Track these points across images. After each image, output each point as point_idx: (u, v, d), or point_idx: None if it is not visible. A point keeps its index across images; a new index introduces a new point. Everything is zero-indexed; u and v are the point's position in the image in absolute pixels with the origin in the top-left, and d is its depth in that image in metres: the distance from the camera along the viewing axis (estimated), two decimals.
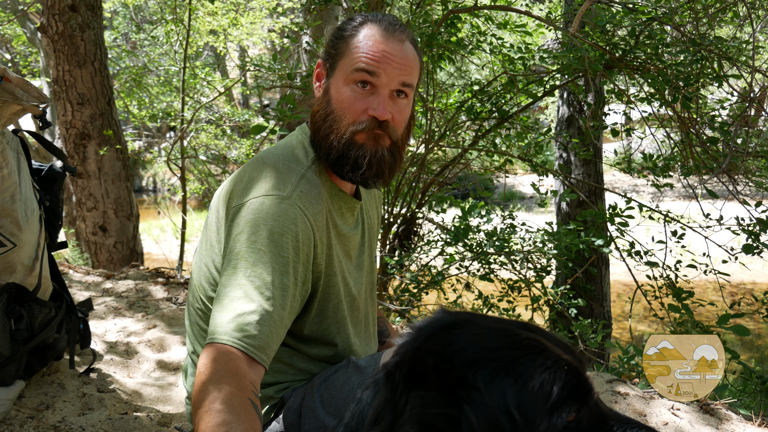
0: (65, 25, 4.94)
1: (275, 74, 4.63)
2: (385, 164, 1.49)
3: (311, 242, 1.41)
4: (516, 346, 0.85)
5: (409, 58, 1.47)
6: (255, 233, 1.34)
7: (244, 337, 1.23)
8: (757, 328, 7.74)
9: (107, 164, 5.35)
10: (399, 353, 0.90)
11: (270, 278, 1.30)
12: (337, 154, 1.46)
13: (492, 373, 0.82)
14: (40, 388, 2.21)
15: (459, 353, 0.85)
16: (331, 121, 1.47)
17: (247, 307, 1.26)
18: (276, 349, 1.31)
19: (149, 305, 3.43)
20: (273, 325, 1.28)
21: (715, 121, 3.87)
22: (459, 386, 0.82)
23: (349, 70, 1.45)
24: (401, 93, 1.47)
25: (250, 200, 1.39)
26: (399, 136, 1.51)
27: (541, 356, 0.84)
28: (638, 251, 4.08)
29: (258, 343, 1.24)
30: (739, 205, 3.87)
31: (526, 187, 17.74)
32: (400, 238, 4.79)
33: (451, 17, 4.15)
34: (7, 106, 1.79)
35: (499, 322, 0.91)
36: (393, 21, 1.49)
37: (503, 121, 4.59)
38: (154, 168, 19.58)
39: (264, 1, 9.37)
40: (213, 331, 1.25)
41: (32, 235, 1.99)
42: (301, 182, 1.43)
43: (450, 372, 0.83)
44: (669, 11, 3.75)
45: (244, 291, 1.28)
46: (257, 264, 1.31)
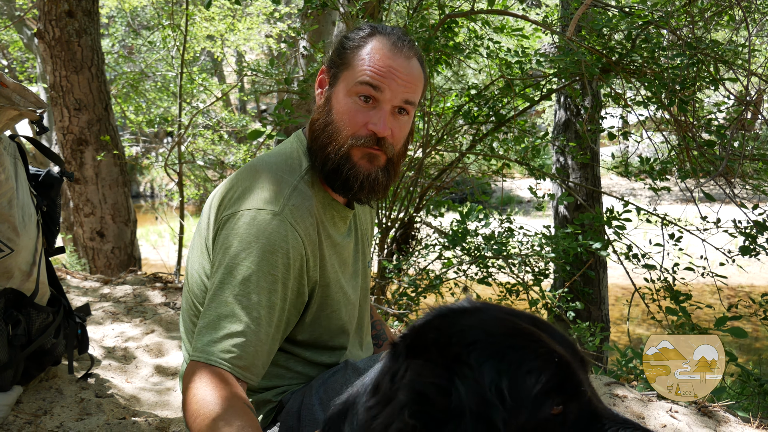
0: (62, 31, 4.94)
1: (272, 79, 4.63)
2: (378, 185, 1.49)
3: (303, 257, 1.41)
4: (514, 333, 0.90)
5: (415, 75, 1.45)
6: (245, 249, 1.34)
7: (232, 358, 1.27)
8: (754, 330, 7.74)
9: (104, 170, 5.35)
10: (408, 329, 0.96)
11: (257, 298, 1.32)
12: (332, 166, 1.45)
13: (487, 355, 0.86)
14: (38, 393, 2.20)
15: (459, 333, 0.89)
16: (330, 131, 1.46)
17: (234, 327, 1.29)
18: (267, 363, 1.35)
19: (147, 310, 3.42)
20: (260, 344, 1.31)
21: (712, 125, 3.89)
22: (454, 361, 0.87)
23: (353, 82, 1.43)
24: (403, 110, 1.46)
25: (241, 212, 1.38)
26: (396, 152, 1.50)
27: (535, 344, 0.88)
28: (636, 254, 4.09)
29: (244, 364, 1.29)
30: (736, 207, 3.88)
31: (523, 191, 17.75)
32: (398, 242, 4.79)
33: (448, 22, 4.16)
34: (5, 112, 1.79)
35: (508, 313, 0.95)
36: (402, 36, 1.46)
37: (500, 125, 4.60)
38: (151, 173, 19.57)
39: (261, 7, 9.39)
40: (201, 349, 1.28)
41: (30, 240, 1.99)
42: (293, 195, 1.42)
43: (448, 348, 0.88)
44: (665, 15, 3.77)
45: (231, 309, 1.30)
46: (246, 282, 1.32)
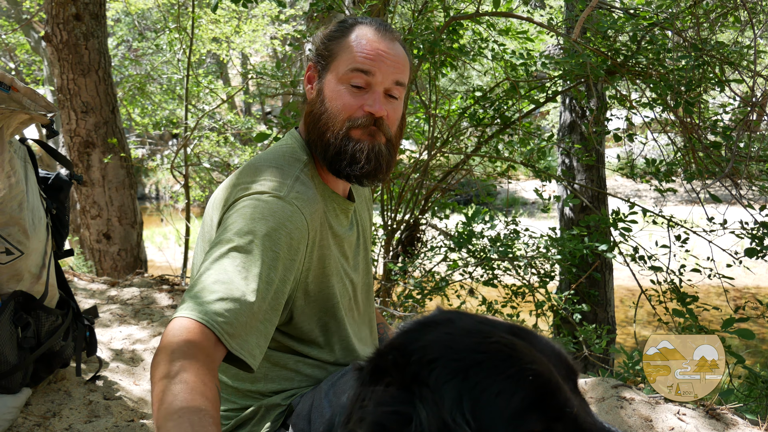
0: (69, 34, 4.97)
1: (278, 81, 4.65)
2: (383, 158, 1.51)
3: (305, 241, 1.40)
4: (481, 349, 0.80)
5: (401, 56, 1.51)
6: (248, 224, 1.32)
7: (222, 322, 1.17)
8: (761, 332, 7.71)
9: (111, 172, 5.37)
10: (373, 350, 0.88)
11: (256, 270, 1.27)
12: (335, 150, 1.47)
13: (450, 374, 0.77)
14: (47, 395, 2.22)
15: (420, 350, 0.80)
16: (326, 119, 1.49)
17: (229, 293, 1.21)
18: (259, 346, 1.26)
19: (154, 313, 3.43)
20: (252, 317, 1.24)
21: (718, 126, 3.88)
22: (413, 382, 0.78)
23: (343, 70, 1.47)
24: (394, 93, 1.50)
25: (244, 197, 1.38)
26: (393, 134, 1.53)
27: (504, 363, 0.78)
28: (642, 256, 4.08)
29: (233, 331, 1.19)
30: (742, 209, 3.87)
31: (528, 193, 17.74)
32: (403, 244, 4.79)
33: (453, 24, 4.16)
34: (16, 116, 1.80)
35: (482, 323, 0.85)
36: (382, 22, 1.52)
37: (506, 127, 4.60)
38: (156, 175, 19.62)
39: (266, 9, 9.41)
40: (191, 307, 1.18)
41: (39, 243, 2.00)
42: (296, 183, 1.43)
43: (406, 367, 0.79)
44: (670, 16, 3.76)
45: (228, 277, 1.24)
46: (248, 254, 1.28)
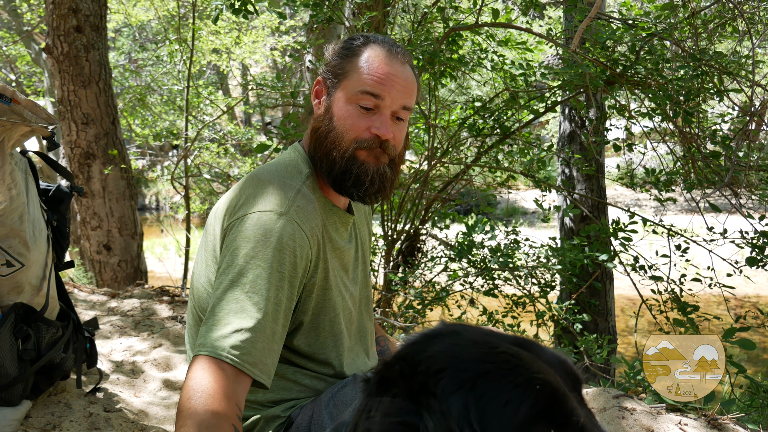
0: (70, 46, 5.00)
1: (278, 92, 4.66)
2: (387, 180, 1.55)
3: (308, 257, 1.44)
4: (488, 359, 0.80)
5: (410, 80, 1.53)
6: (253, 248, 1.36)
7: (242, 354, 1.26)
8: (762, 341, 7.69)
9: (111, 183, 5.38)
10: (379, 362, 0.88)
11: (266, 294, 1.33)
12: (340, 169, 1.50)
13: (457, 384, 0.77)
14: (47, 408, 2.21)
15: (427, 360, 0.81)
16: (333, 137, 1.51)
17: (244, 323, 1.29)
18: (275, 364, 1.35)
19: (155, 324, 3.43)
20: (267, 341, 1.31)
21: (717, 135, 3.89)
22: (420, 392, 0.78)
23: (353, 90, 1.49)
24: (401, 115, 1.53)
25: (248, 215, 1.41)
26: (397, 153, 1.56)
27: (511, 373, 0.78)
28: (642, 266, 4.08)
29: (254, 360, 1.28)
30: (742, 218, 3.87)
31: (528, 203, 17.76)
32: (403, 254, 4.79)
33: (453, 35, 4.19)
34: (17, 128, 1.81)
35: (487, 334, 0.86)
36: (394, 43, 1.55)
37: (505, 137, 4.61)
38: (157, 186, 19.64)
39: (267, 20, 9.46)
40: (209, 344, 1.27)
41: (40, 255, 2.00)
42: (298, 197, 1.46)
43: (413, 378, 0.80)
44: (669, 27, 3.78)
45: (240, 306, 1.31)
46: (256, 280, 1.34)
